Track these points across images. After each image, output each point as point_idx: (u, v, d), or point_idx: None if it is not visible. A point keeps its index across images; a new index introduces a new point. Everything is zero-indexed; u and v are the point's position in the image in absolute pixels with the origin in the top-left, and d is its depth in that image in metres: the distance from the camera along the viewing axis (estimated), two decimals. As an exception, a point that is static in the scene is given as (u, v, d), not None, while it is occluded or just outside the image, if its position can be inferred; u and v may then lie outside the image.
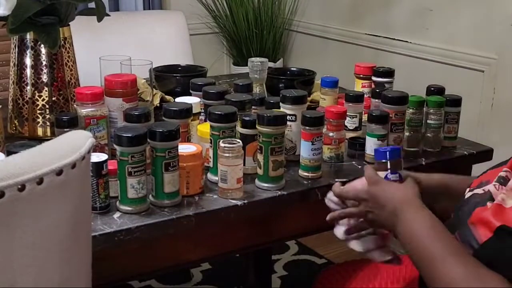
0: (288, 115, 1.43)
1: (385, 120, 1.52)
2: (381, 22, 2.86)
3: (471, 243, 1.07)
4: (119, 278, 1.31)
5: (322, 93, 1.75)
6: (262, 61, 1.78)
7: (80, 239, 0.99)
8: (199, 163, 1.34)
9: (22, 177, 0.83)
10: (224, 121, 1.38)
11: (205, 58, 3.04)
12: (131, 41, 2.47)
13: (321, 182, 1.44)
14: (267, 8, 3.20)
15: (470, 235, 1.08)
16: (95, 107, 1.43)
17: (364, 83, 1.85)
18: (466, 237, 1.09)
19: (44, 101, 1.62)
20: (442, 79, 1.69)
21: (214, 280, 2.67)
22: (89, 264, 1.06)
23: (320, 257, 2.87)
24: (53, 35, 1.53)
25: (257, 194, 1.37)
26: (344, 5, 3.05)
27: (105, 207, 1.26)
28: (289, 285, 2.67)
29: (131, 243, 1.23)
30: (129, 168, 1.23)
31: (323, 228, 1.59)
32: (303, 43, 3.31)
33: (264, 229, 1.45)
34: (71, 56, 1.66)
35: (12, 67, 1.65)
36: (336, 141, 1.52)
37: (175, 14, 2.68)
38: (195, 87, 1.63)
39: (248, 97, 1.52)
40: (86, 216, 1.02)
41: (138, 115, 1.35)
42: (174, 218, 1.26)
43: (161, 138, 1.25)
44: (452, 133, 1.66)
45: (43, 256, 0.91)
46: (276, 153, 1.37)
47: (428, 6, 2.64)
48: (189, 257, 1.38)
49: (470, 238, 1.08)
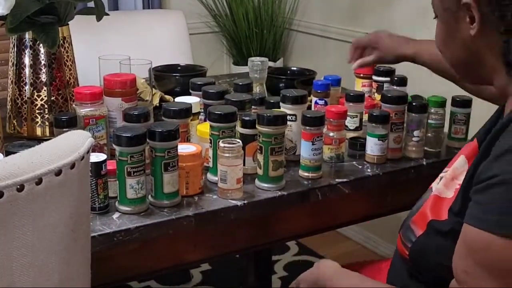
0: (288, 115, 1.43)
1: (385, 120, 1.52)
2: (381, 22, 2.86)
3: (411, 238, 1.18)
4: (119, 278, 1.31)
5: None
6: (262, 60, 1.78)
7: (79, 239, 0.99)
8: (199, 163, 1.34)
9: (21, 177, 0.83)
10: (224, 121, 1.37)
11: (205, 58, 3.03)
12: (131, 40, 2.47)
13: (322, 182, 1.44)
14: (267, 7, 3.19)
15: (411, 235, 1.18)
16: (94, 107, 1.42)
17: (364, 83, 1.85)
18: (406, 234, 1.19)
19: (43, 100, 1.62)
20: (443, 79, 1.69)
21: (214, 280, 2.67)
22: (88, 264, 1.05)
23: (321, 257, 2.86)
24: (52, 34, 1.53)
25: (257, 194, 1.36)
26: (344, 5, 3.05)
27: (104, 207, 1.25)
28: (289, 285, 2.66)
29: (130, 243, 1.22)
30: (128, 168, 1.23)
31: (323, 229, 1.60)
32: (303, 42, 3.31)
33: (264, 230, 1.45)
34: (70, 56, 1.65)
35: (10, 67, 1.64)
36: (337, 141, 1.51)
37: (174, 14, 2.67)
38: (194, 87, 1.62)
39: (248, 97, 1.52)
40: (85, 216, 1.01)
41: (137, 115, 1.35)
42: (174, 219, 1.25)
43: (160, 138, 1.24)
44: (460, 134, 1.65)
45: (42, 256, 0.91)
46: (276, 153, 1.36)
47: (428, 6, 2.64)
48: (189, 257, 1.38)
49: (411, 238, 1.18)
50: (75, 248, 0.98)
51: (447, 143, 1.67)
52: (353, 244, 3.03)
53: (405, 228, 1.21)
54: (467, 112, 1.65)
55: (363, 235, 3.00)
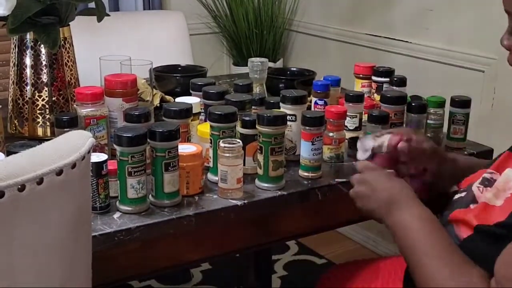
0: (288, 115, 1.43)
1: (385, 120, 1.52)
2: (381, 22, 2.86)
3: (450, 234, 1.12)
4: (119, 278, 1.31)
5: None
6: (262, 61, 1.78)
7: (80, 239, 0.99)
8: (199, 163, 1.34)
9: (22, 177, 0.83)
10: (224, 121, 1.38)
11: (205, 58, 3.04)
12: (131, 41, 2.47)
13: (321, 182, 1.44)
14: (267, 8, 3.19)
15: (451, 232, 1.13)
16: (95, 107, 1.43)
17: (363, 83, 1.85)
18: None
19: (44, 101, 1.62)
20: (442, 79, 1.69)
21: (214, 280, 2.67)
22: (89, 264, 1.06)
23: (320, 257, 2.87)
24: (53, 35, 1.53)
25: (257, 194, 1.37)
26: (344, 5, 3.05)
27: (105, 207, 1.26)
28: (289, 285, 2.67)
29: (131, 243, 1.23)
30: (129, 168, 1.23)
31: (323, 228, 1.60)
32: (303, 43, 3.31)
33: (264, 229, 1.45)
34: (71, 56, 1.66)
35: (12, 67, 1.64)
36: (336, 141, 1.51)
37: (175, 14, 2.68)
38: (195, 87, 1.63)
39: (248, 97, 1.52)
40: (86, 216, 1.02)
41: (138, 115, 1.35)
42: (174, 218, 1.26)
43: (161, 138, 1.25)
44: (459, 134, 1.65)
45: (43, 256, 0.91)
46: (276, 153, 1.36)
47: (428, 6, 2.64)
48: (189, 257, 1.38)
49: (452, 236, 1.12)
50: (76, 248, 0.98)
51: (446, 143, 1.68)
52: (353, 244, 3.03)
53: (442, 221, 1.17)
54: (466, 112, 1.65)
55: (363, 235, 3.00)
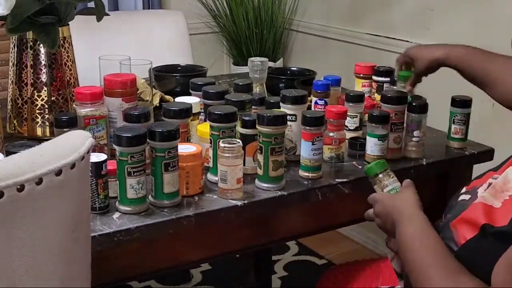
0: (288, 115, 1.43)
1: (385, 120, 1.52)
2: (382, 22, 2.86)
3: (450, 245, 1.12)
4: (119, 278, 1.31)
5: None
6: (262, 60, 1.78)
7: (79, 239, 0.99)
8: (199, 163, 1.34)
9: (21, 177, 0.82)
10: (224, 121, 1.37)
11: (205, 58, 3.03)
12: (131, 40, 2.47)
13: (322, 182, 1.44)
14: (267, 7, 3.19)
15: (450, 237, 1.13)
16: (95, 107, 1.42)
17: (364, 83, 1.85)
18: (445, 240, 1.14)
19: (43, 101, 1.62)
20: (443, 79, 1.69)
21: (214, 280, 2.67)
22: (88, 264, 1.05)
23: (321, 257, 2.87)
24: (53, 34, 1.53)
25: (257, 194, 1.36)
26: (344, 5, 3.05)
27: (105, 207, 1.26)
28: (289, 285, 2.67)
29: (130, 243, 1.22)
30: (129, 168, 1.23)
31: (323, 229, 1.60)
32: (303, 42, 3.31)
33: (264, 230, 1.45)
34: (70, 56, 1.65)
35: (11, 67, 1.64)
36: (337, 141, 1.51)
37: (174, 14, 2.67)
38: (195, 87, 1.62)
39: (248, 97, 1.52)
40: (86, 216, 1.02)
41: (137, 115, 1.35)
42: (174, 219, 1.25)
43: (160, 138, 1.25)
44: (459, 134, 1.65)
45: (42, 257, 0.91)
46: (276, 153, 1.36)
47: (429, 6, 2.64)
48: (189, 257, 1.38)
49: (449, 241, 1.13)
50: (75, 248, 0.98)
51: (447, 144, 1.67)
52: (353, 244, 3.03)
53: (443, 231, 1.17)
54: (467, 112, 1.65)
55: (363, 235, 3.00)
